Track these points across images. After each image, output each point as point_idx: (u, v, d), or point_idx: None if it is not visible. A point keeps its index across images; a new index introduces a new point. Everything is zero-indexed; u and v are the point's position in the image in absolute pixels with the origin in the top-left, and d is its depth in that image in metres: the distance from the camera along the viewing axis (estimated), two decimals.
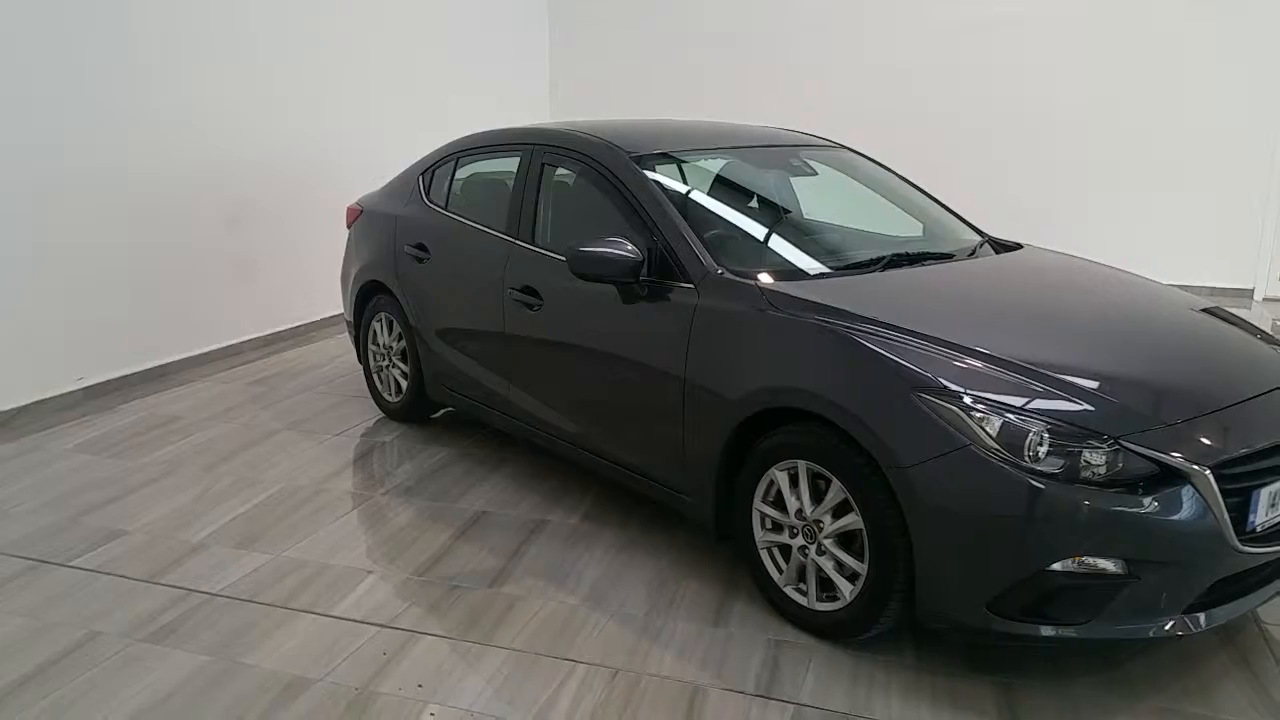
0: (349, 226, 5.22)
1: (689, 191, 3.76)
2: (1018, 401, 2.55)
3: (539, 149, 4.09)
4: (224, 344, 6.29)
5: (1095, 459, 2.47)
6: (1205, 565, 2.54)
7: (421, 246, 4.54)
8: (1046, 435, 2.48)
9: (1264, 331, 3.32)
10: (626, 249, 3.31)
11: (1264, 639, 2.97)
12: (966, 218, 4.27)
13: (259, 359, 6.30)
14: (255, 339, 6.55)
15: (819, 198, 4.31)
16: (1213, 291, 8.68)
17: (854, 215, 4.16)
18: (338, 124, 7.15)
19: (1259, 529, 2.62)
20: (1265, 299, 8.59)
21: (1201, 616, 2.59)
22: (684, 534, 3.62)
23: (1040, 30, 8.58)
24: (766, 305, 3.05)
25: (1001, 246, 3.99)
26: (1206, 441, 2.54)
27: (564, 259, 3.47)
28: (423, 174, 4.79)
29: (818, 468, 2.84)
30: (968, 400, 2.55)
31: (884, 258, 3.52)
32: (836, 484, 2.79)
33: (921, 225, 4.18)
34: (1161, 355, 2.97)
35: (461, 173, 4.62)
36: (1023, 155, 8.85)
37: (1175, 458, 2.48)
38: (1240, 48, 8.14)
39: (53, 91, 4.96)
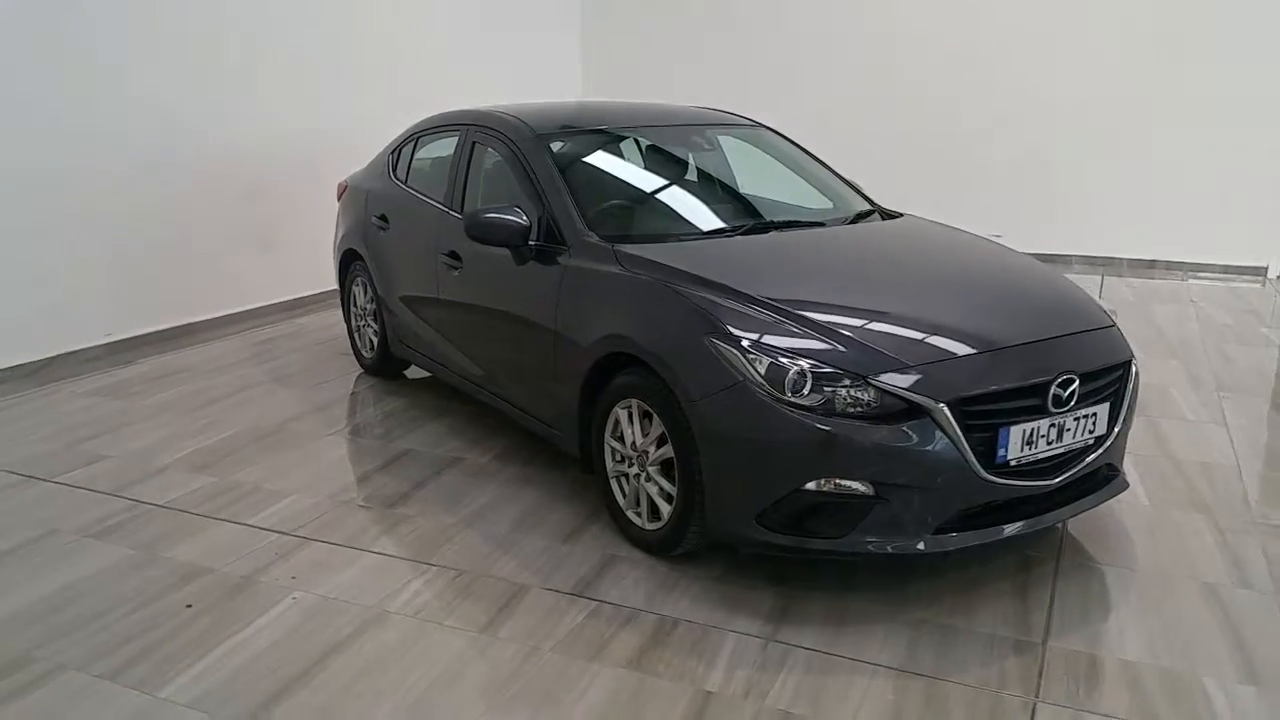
0: (338, 200, 5.79)
1: (584, 166, 4.17)
2: (786, 345, 2.92)
3: (472, 128, 4.56)
4: (247, 308, 6.97)
5: (848, 394, 2.83)
6: (950, 492, 2.87)
7: (384, 217, 5.07)
8: (807, 374, 2.84)
9: (1096, 301, 3.57)
10: (517, 216, 3.77)
11: (1055, 573, 3.25)
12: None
13: (277, 322, 6.95)
14: (277, 304, 7.22)
15: (740, 173, 4.68)
16: (1226, 269, 8.68)
17: (763, 189, 4.52)
18: (372, 106, 7.72)
19: (1012, 463, 2.94)
20: (1279, 277, 8.53)
21: (953, 537, 2.92)
22: (574, 471, 4.06)
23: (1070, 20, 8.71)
24: (614, 264, 3.47)
25: (886, 216, 4.31)
26: (949, 381, 2.86)
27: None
28: (392, 152, 5.32)
29: (645, 405, 3.25)
30: (745, 344, 2.93)
31: (744, 225, 3.89)
32: (656, 419, 3.20)
33: (828, 198, 4.51)
34: (943, 306, 3.27)
35: (419, 151, 5.13)
36: (1055, 141, 8.98)
37: (915, 394, 2.82)
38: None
39: (91, 89, 5.68)
